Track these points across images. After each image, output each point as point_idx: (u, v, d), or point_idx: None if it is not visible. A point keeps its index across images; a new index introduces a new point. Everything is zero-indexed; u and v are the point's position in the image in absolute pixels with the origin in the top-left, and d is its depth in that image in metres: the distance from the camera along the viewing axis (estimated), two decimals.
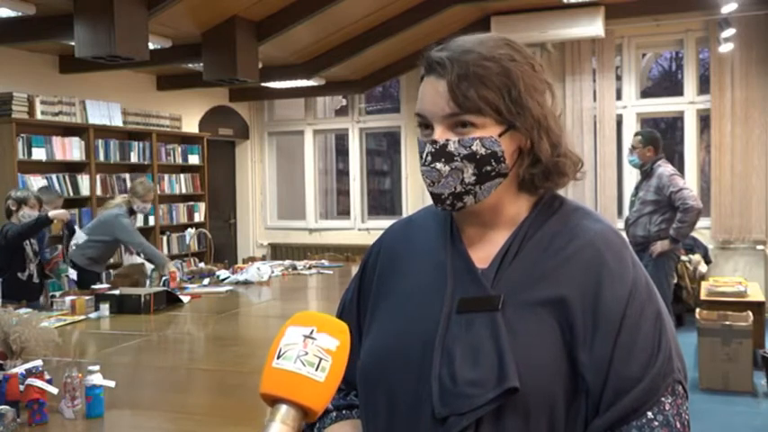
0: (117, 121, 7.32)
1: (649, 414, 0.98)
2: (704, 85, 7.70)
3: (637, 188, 5.45)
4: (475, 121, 1.03)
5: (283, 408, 0.86)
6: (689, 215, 5.03)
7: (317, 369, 0.87)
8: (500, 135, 1.05)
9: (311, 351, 0.88)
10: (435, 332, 1.03)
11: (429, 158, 1.05)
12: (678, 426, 0.99)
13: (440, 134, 1.05)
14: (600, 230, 1.07)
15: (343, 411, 1.18)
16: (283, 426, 0.85)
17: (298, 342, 0.89)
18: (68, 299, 4.34)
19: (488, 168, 1.05)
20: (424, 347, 1.04)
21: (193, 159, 8.44)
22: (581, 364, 0.99)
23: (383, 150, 10.40)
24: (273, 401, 0.87)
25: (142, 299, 4.24)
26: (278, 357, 0.88)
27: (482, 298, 1.04)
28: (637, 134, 5.52)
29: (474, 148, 1.04)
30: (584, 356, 0.99)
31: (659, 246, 5.14)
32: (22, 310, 3.74)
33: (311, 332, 0.90)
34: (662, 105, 8.06)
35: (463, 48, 1.05)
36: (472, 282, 1.06)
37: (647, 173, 5.27)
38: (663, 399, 0.99)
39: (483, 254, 1.09)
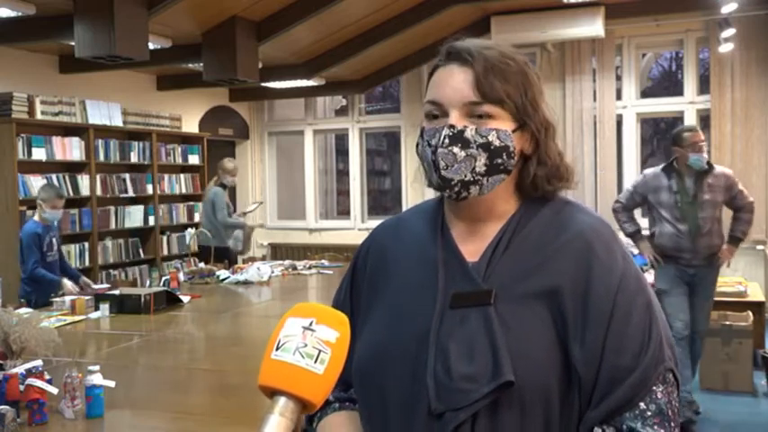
0: (117, 121, 7.31)
1: (642, 405, 0.99)
2: (704, 85, 7.69)
3: (678, 192, 4.38)
4: (493, 113, 1.06)
5: (282, 400, 0.86)
6: (752, 214, 4.51)
7: (315, 361, 0.86)
8: (513, 131, 1.08)
9: (310, 343, 0.87)
10: (429, 328, 1.04)
11: (446, 141, 1.06)
12: (670, 414, 1.00)
13: (457, 120, 1.07)
14: (590, 223, 1.09)
15: (346, 403, 1.19)
16: (281, 418, 0.84)
17: (297, 333, 0.88)
18: (68, 299, 4.34)
19: (499, 161, 1.07)
20: (419, 343, 1.05)
21: (193, 159, 8.44)
22: (573, 355, 1.00)
23: (383, 150, 10.41)
24: (272, 393, 0.87)
25: (142, 299, 4.24)
26: (277, 349, 0.88)
27: (474, 292, 1.05)
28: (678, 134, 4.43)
29: (490, 138, 1.06)
30: (576, 348, 1.00)
31: (727, 251, 4.48)
32: (22, 310, 3.73)
33: (310, 324, 0.89)
34: (662, 105, 8.05)
35: (483, 45, 1.10)
36: (464, 276, 1.07)
37: (702, 171, 4.36)
38: (654, 387, 1.00)
39: (473, 247, 1.10)
